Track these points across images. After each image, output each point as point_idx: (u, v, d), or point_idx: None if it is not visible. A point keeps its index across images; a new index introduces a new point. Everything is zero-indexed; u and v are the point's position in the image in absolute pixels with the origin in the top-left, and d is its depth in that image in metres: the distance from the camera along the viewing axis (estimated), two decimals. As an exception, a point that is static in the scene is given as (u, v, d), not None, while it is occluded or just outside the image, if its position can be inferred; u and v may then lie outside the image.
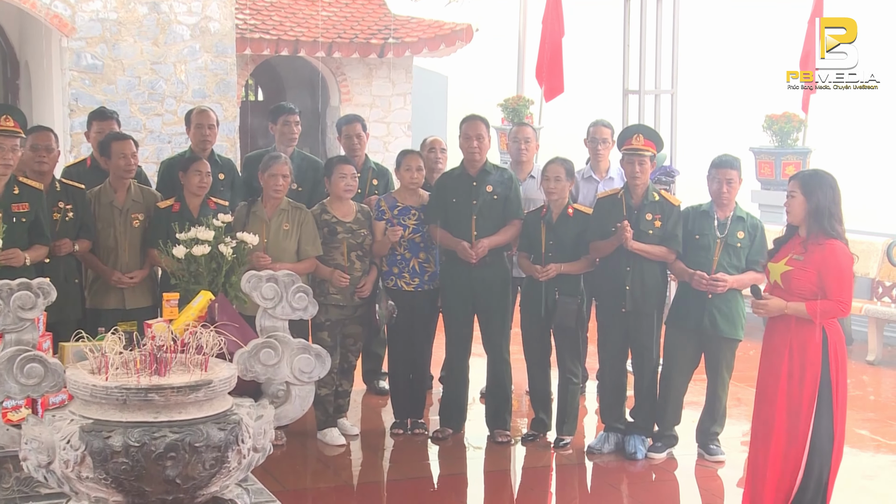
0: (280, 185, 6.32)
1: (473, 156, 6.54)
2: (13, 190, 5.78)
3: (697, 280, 6.06)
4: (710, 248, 6.11)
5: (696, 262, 6.13)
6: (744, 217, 6.13)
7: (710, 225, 6.13)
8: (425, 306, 6.70)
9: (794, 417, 5.02)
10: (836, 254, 4.97)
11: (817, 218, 4.98)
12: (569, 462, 6.42)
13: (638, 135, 6.22)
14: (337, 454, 6.48)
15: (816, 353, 5.01)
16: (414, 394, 6.85)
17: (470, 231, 6.47)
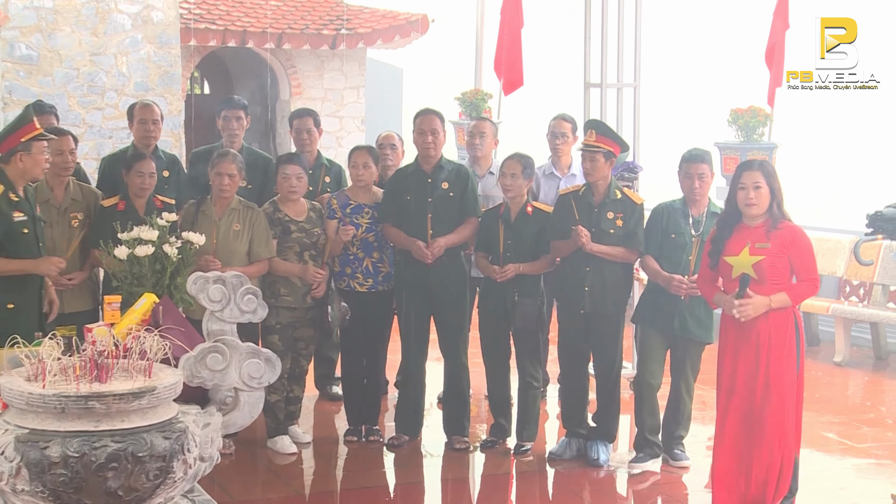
0: (226, 185, 6.30)
1: (428, 151, 6.55)
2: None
3: (676, 286, 5.98)
4: (686, 247, 6.05)
5: (672, 263, 6.06)
6: (718, 213, 5.96)
7: (684, 223, 6.07)
8: (379, 308, 6.70)
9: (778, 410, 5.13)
10: (799, 235, 5.22)
11: (779, 204, 5.23)
12: (529, 469, 6.44)
13: (591, 130, 6.25)
14: (288, 463, 6.46)
15: (792, 342, 5.18)
16: (368, 399, 6.84)
17: (425, 230, 6.47)
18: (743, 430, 5.26)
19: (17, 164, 5.53)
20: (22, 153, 5.52)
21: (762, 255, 5.14)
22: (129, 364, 3.77)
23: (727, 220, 5.35)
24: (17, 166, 5.54)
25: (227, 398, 4.46)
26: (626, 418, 7.36)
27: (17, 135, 5.51)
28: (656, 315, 6.16)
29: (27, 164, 5.53)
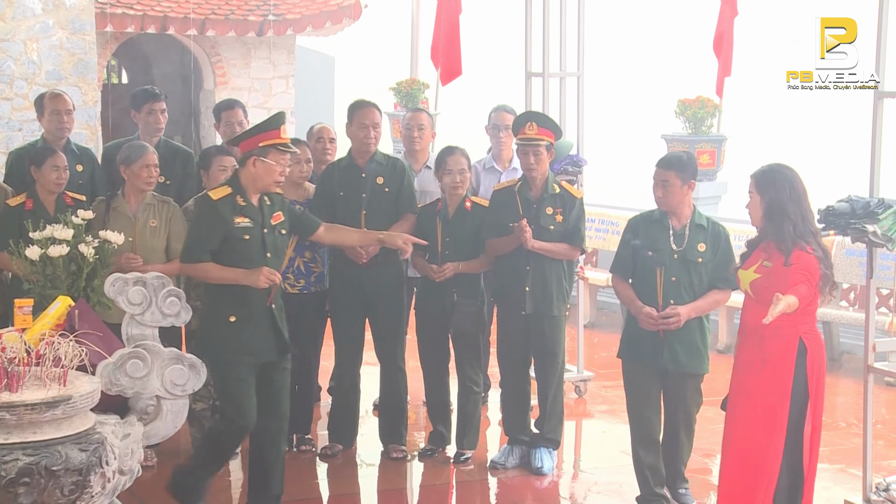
0: (153, 178, 6.28)
1: (368, 146, 6.54)
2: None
3: (645, 318, 5.52)
4: (666, 265, 5.55)
5: (650, 285, 5.57)
6: (704, 225, 5.57)
7: (664, 237, 5.57)
8: (312, 310, 6.68)
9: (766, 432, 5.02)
10: (800, 260, 4.91)
11: (772, 218, 4.96)
12: (470, 478, 6.46)
13: (531, 123, 6.25)
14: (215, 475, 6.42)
15: (790, 363, 4.99)
16: (300, 406, 6.79)
17: (359, 227, 6.46)
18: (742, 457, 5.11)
19: (249, 168, 5.45)
20: (256, 158, 5.41)
21: (759, 275, 4.99)
22: (42, 372, 3.72)
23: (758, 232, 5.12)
24: (249, 171, 5.45)
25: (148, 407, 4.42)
26: (570, 424, 7.43)
27: (257, 138, 5.45)
28: (642, 348, 5.64)
29: (259, 171, 5.42)
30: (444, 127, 11.31)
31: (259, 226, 5.48)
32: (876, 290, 5.85)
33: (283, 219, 5.63)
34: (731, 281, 5.40)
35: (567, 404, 6.62)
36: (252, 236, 5.45)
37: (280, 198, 5.70)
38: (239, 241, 5.41)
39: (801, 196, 4.98)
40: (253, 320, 5.46)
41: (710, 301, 5.58)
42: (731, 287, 5.48)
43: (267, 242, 5.51)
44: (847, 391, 8.18)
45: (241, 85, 13.46)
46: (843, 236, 5.59)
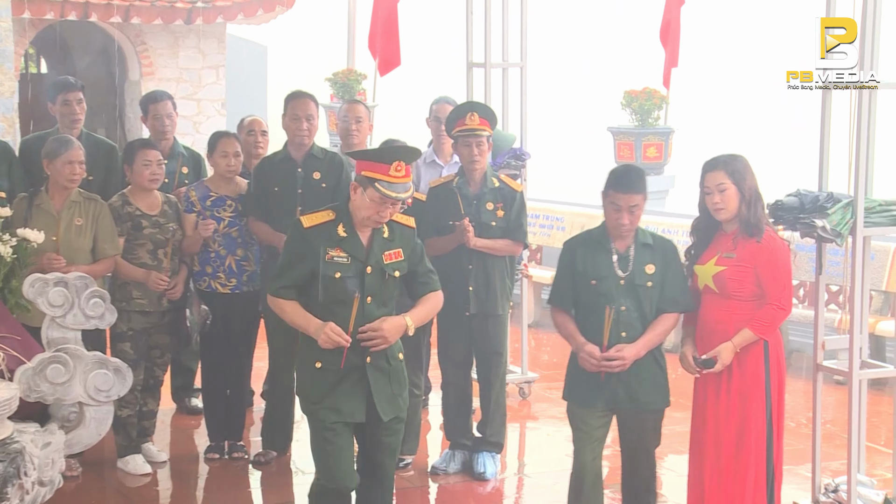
0: (77, 174, 6.22)
1: (303, 139, 6.53)
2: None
3: (586, 358, 5.08)
4: (610, 295, 5.09)
5: (597, 317, 5.11)
6: (650, 243, 5.16)
7: (607, 262, 5.12)
8: (244, 311, 6.66)
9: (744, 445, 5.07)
10: (771, 247, 5.03)
11: (751, 205, 5.03)
12: (410, 485, 6.47)
13: (472, 113, 6.23)
14: (141, 485, 6.38)
15: (760, 370, 5.07)
16: (232, 412, 6.79)
17: None
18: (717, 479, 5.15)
19: (351, 194, 4.81)
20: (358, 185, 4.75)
21: (723, 267, 5.05)
22: (-44, 378, 3.66)
23: (705, 227, 5.19)
24: (352, 197, 4.81)
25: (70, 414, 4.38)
26: (514, 427, 7.46)
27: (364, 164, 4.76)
28: (593, 388, 5.17)
29: (357, 201, 4.77)
30: (383, 119, 11.31)
31: (359, 263, 4.78)
32: (825, 286, 5.92)
33: (402, 258, 4.88)
34: (681, 303, 5.15)
35: (511, 407, 6.66)
36: (345, 275, 4.76)
37: (409, 233, 4.95)
38: (329, 280, 4.75)
39: (755, 186, 5.14)
40: (341, 373, 4.80)
41: (660, 331, 5.13)
42: (681, 309, 5.18)
43: (367, 284, 4.79)
44: (796, 390, 8.28)
45: (169, 76, 13.33)
46: (791, 231, 5.66)
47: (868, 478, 5.65)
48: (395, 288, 4.91)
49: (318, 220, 4.81)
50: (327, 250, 4.76)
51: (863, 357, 5.52)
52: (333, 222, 4.80)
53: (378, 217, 4.73)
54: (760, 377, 5.09)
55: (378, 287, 4.81)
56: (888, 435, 6.02)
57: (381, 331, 4.74)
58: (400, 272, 4.87)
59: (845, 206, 5.34)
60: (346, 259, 4.77)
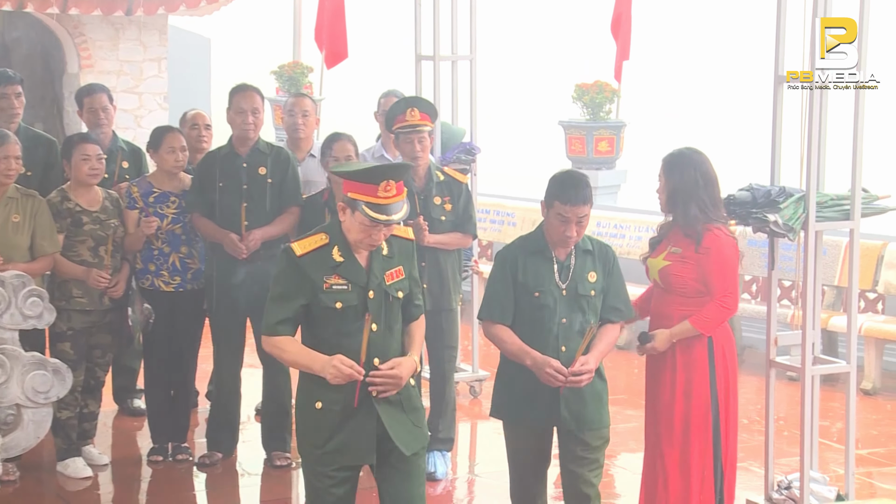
0: (13, 169, 6.17)
1: (248, 133, 6.50)
2: None
3: (552, 374, 4.73)
4: (552, 307, 4.84)
5: (540, 332, 4.84)
6: (591, 249, 4.92)
7: (548, 272, 4.86)
8: (188, 309, 6.63)
9: (687, 444, 5.11)
10: (716, 243, 5.08)
11: (675, 202, 5.12)
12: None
13: (412, 109, 6.22)
14: (82, 489, 6.33)
15: (703, 366, 5.11)
16: (176, 413, 6.75)
17: (240, 221, 6.42)
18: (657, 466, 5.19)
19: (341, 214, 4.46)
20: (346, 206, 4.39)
21: (668, 262, 5.12)
22: None
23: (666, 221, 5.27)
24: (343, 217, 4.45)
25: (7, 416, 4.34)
26: (465, 426, 7.48)
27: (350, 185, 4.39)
28: (530, 406, 4.88)
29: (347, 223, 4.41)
30: (330, 113, 11.28)
31: (360, 288, 4.40)
32: (778, 281, 5.99)
33: (403, 276, 4.52)
34: (624, 311, 4.96)
35: (462, 405, 6.68)
36: (347, 303, 4.38)
37: (408, 248, 4.57)
38: (329, 312, 4.37)
39: (710, 181, 5.17)
40: (346, 411, 4.37)
41: (608, 341, 4.91)
42: (624, 318, 4.98)
43: (371, 310, 4.39)
44: (749, 387, 8.36)
45: (109, 68, 13.20)
46: (744, 226, 5.72)
47: (821, 474, 5.73)
48: (400, 309, 4.52)
49: (310, 246, 4.42)
50: (324, 279, 4.37)
51: (815, 353, 5.59)
52: (328, 246, 4.41)
53: (371, 241, 4.35)
54: (705, 374, 5.12)
55: (383, 312, 4.43)
56: (841, 431, 6.11)
57: (397, 378, 4.35)
58: (403, 292, 4.50)
59: (797, 200, 5.40)
60: (346, 286, 4.38)
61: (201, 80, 14.89)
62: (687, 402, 5.14)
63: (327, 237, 4.43)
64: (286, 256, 4.43)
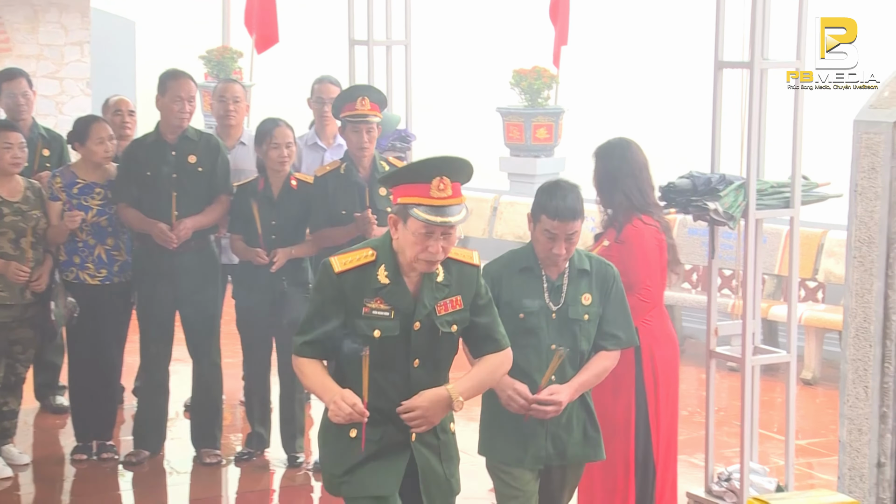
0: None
1: (181, 121, 6.47)
2: None
3: (513, 397, 4.41)
4: (540, 332, 4.50)
5: (525, 358, 4.46)
6: (587, 269, 4.59)
7: (536, 292, 4.53)
8: (115, 303, 6.59)
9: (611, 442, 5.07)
10: (635, 234, 5.13)
11: (602, 190, 5.21)
12: (291, 483, 6.46)
13: (363, 98, 6.22)
14: (1, 489, 6.27)
15: (630, 363, 5.07)
16: (101, 410, 6.70)
17: (169, 211, 6.38)
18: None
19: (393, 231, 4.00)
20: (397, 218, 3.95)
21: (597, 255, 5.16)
22: None
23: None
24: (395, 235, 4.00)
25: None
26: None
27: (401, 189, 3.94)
28: (516, 441, 4.56)
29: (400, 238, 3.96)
30: (260, 99, 11.23)
31: (405, 317, 3.94)
32: (718, 270, 6.06)
33: (461, 307, 4.03)
34: (623, 339, 4.62)
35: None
36: (386, 333, 3.93)
37: (471, 274, 4.05)
38: (366, 340, 3.92)
39: (637, 168, 5.24)
40: (379, 442, 4.00)
41: (597, 372, 4.58)
42: (622, 346, 4.65)
43: (415, 345, 3.96)
44: (690, 378, 8.46)
45: (29, 52, 13.01)
46: (684, 214, 5.77)
47: (761, 465, 5.80)
48: (453, 347, 4.05)
49: (353, 263, 3.94)
50: (365, 301, 3.92)
51: (756, 343, 5.66)
52: (373, 265, 3.93)
53: (428, 255, 3.84)
54: (630, 366, 5.11)
55: (429, 347, 3.96)
56: (781, 422, 6.19)
57: (421, 409, 3.92)
58: (458, 326, 4.01)
59: (738, 188, 5.46)
60: (389, 312, 3.92)
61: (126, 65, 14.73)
62: (615, 399, 5.16)
63: (374, 254, 3.95)
64: (324, 273, 3.96)
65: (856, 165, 3.64)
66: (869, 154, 3.61)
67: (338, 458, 4.03)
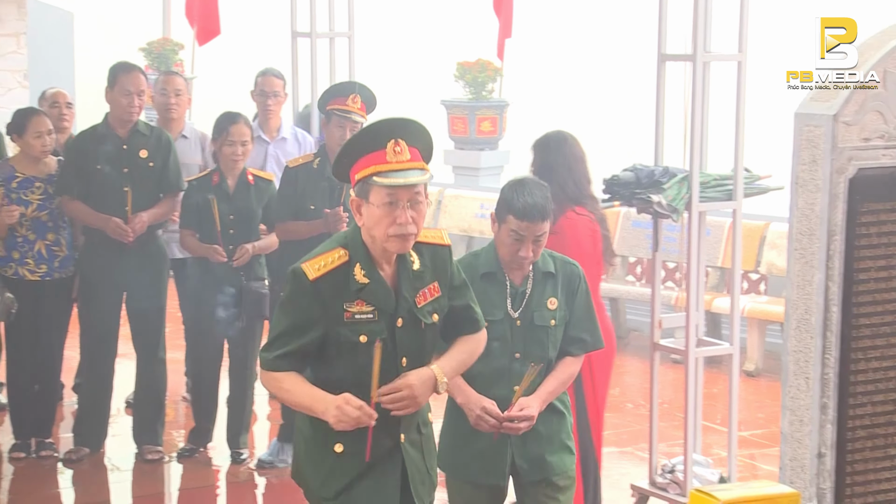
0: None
1: (131, 116, 6.42)
2: None
3: (482, 416, 4.12)
4: (504, 341, 4.20)
5: (489, 370, 4.17)
6: (553, 271, 4.32)
7: (499, 298, 4.24)
8: (55, 299, 6.54)
9: None
10: (568, 225, 5.18)
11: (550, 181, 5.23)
12: (235, 479, 6.44)
13: (355, 96, 6.11)
14: (-61, 489, 6.22)
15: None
16: (40, 407, 6.65)
17: (124, 206, 6.32)
18: None
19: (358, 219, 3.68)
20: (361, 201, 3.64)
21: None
22: None
23: None
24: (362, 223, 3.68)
25: None
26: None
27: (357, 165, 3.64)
28: (481, 458, 4.26)
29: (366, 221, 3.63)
30: (202, 92, 11.16)
31: (389, 316, 3.67)
32: (662, 263, 6.11)
33: (440, 293, 3.77)
34: (589, 342, 4.36)
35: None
36: (373, 336, 3.64)
37: (443, 255, 3.79)
38: (350, 347, 3.64)
39: (574, 160, 5.33)
40: (373, 454, 3.69)
41: (563, 379, 4.30)
42: (588, 350, 4.40)
43: (400, 343, 3.69)
44: (634, 370, 8.53)
45: (-36, 43, 12.86)
46: (628, 207, 5.81)
47: (704, 457, 5.86)
48: (436, 337, 3.80)
49: (327, 267, 3.62)
50: (345, 307, 3.62)
51: (699, 335, 5.70)
52: (348, 265, 3.63)
53: (398, 229, 3.55)
54: None
55: (414, 343, 3.71)
56: (724, 413, 6.25)
57: (408, 389, 3.63)
58: (439, 315, 3.76)
59: (681, 180, 5.50)
60: (373, 314, 3.64)
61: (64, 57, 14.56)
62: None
63: (346, 253, 3.64)
64: (295, 281, 3.62)
65: (796, 158, 3.68)
66: (809, 147, 3.65)
67: (326, 478, 3.71)
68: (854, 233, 3.61)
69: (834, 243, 3.60)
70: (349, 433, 3.59)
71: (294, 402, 3.68)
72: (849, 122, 3.61)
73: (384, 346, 3.60)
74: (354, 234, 3.67)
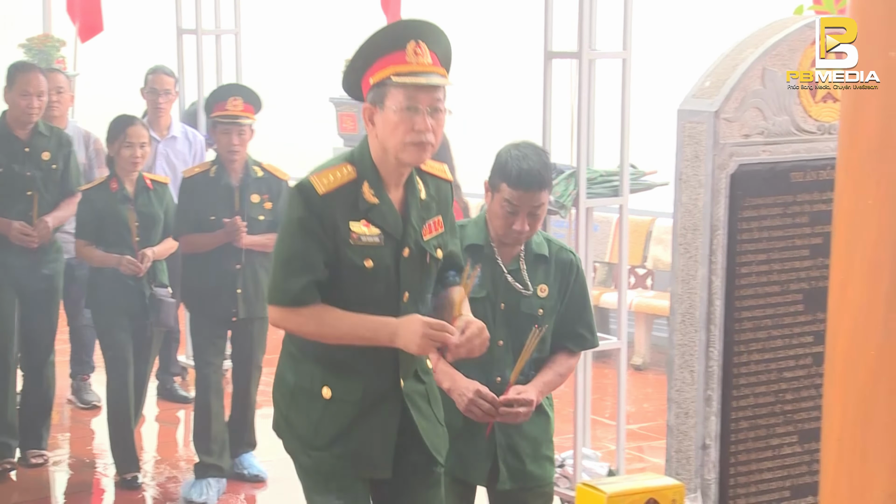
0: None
1: (31, 117, 6.27)
2: None
3: (476, 402, 3.71)
4: (486, 322, 3.48)
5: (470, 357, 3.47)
6: (546, 254, 3.95)
7: (484, 274, 3.82)
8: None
9: None
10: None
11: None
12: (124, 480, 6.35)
13: (235, 98, 5.95)
14: None
15: None
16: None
17: (29, 211, 6.21)
18: None
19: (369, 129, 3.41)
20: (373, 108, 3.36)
21: None
22: None
23: None
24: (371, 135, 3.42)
25: None
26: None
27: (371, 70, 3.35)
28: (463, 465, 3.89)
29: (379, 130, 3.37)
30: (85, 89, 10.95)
31: (395, 242, 3.41)
32: (551, 259, 6.15)
33: (442, 229, 3.53)
34: (588, 339, 4.03)
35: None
36: (379, 262, 3.38)
37: (446, 190, 3.57)
38: (355, 272, 3.35)
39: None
40: (361, 402, 3.43)
41: (560, 371, 3.96)
42: (586, 348, 4.12)
43: (404, 275, 3.42)
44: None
45: None
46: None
47: (593, 451, 5.93)
48: (434, 276, 3.53)
49: (336, 182, 3.33)
50: (350, 227, 3.34)
51: (587, 329, 5.76)
52: (355, 182, 3.35)
53: (415, 136, 3.25)
54: None
55: (416, 277, 3.44)
56: (613, 407, 6.33)
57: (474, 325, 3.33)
58: (442, 250, 3.51)
59: (568, 177, 5.56)
60: (378, 238, 3.36)
61: (-61, 54, 14.25)
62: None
63: (354, 169, 3.36)
64: (302, 197, 3.31)
65: (680, 154, 3.73)
66: (692, 143, 3.70)
67: (318, 429, 3.41)
68: (736, 228, 3.67)
69: (717, 238, 3.66)
70: (340, 378, 3.37)
71: (345, 332, 3.31)
72: (730, 118, 3.67)
73: (388, 276, 3.36)
74: (363, 150, 3.39)
